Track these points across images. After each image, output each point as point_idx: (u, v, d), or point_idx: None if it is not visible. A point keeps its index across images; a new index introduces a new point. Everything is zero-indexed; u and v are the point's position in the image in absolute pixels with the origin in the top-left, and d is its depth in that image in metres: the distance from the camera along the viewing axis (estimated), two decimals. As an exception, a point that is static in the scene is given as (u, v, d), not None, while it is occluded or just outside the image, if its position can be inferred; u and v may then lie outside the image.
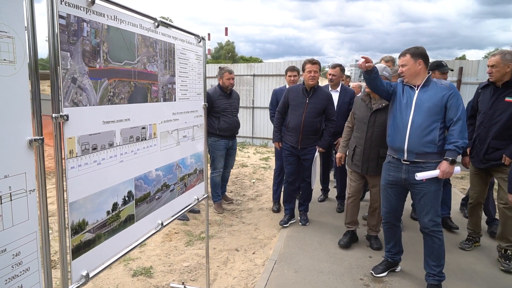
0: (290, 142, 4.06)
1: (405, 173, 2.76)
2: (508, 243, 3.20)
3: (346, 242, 3.59)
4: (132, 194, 1.84)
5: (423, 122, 2.65)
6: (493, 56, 3.21)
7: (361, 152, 3.38)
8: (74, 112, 1.40)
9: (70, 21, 1.36)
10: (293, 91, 4.06)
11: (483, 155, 3.27)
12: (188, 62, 2.36)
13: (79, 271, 1.50)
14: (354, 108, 3.56)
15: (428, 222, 2.71)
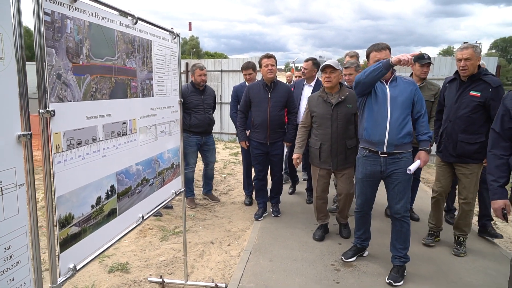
0: (258, 139, 4.10)
1: (382, 166, 2.89)
2: (461, 232, 3.45)
3: (321, 236, 3.72)
4: (115, 188, 1.87)
5: (400, 116, 2.81)
6: (465, 49, 3.15)
7: (329, 147, 3.44)
8: (60, 108, 1.43)
9: (54, 17, 1.38)
10: (253, 89, 4.09)
11: (452, 149, 3.30)
12: (164, 58, 2.40)
13: (66, 264, 1.53)
14: (311, 107, 3.55)
15: (400, 208, 2.91)
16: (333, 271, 3.11)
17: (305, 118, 3.62)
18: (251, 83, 4.30)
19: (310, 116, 3.57)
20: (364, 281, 2.96)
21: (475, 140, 3.19)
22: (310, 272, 3.08)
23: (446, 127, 3.36)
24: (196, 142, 4.67)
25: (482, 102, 3.12)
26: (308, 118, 3.60)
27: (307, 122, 3.61)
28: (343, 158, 3.46)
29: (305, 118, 3.62)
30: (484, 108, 3.14)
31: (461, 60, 3.15)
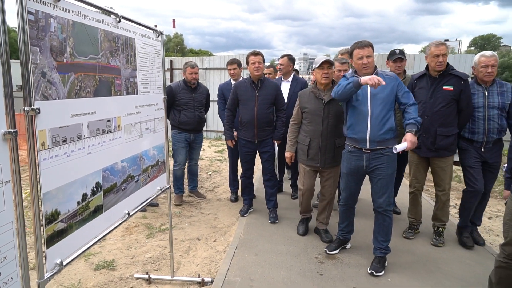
0: (246, 138, 4.08)
1: (366, 161, 2.97)
2: (440, 223, 3.60)
3: (304, 230, 3.77)
4: (100, 185, 1.89)
5: (381, 112, 2.87)
6: (442, 45, 3.29)
7: (318, 145, 3.41)
8: (45, 106, 1.45)
9: (38, 17, 1.40)
10: (241, 86, 4.06)
11: (431, 143, 3.39)
12: (148, 56, 2.42)
13: (53, 260, 1.55)
14: (302, 102, 3.51)
15: (383, 202, 2.99)
16: (317, 263, 3.20)
17: (296, 114, 3.59)
18: (239, 81, 4.28)
19: (301, 112, 3.54)
20: (346, 272, 3.05)
21: (451, 133, 3.35)
22: (294, 265, 3.15)
23: (422, 122, 3.38)
24: (185, 139, 4.68)
25: (456, 95, 3.28)
26: (299, 114, 3.57)
27: (298, 118, 3.59)
28: (331, 156, 3.44)
29: (296, 114, 3.59)
30: (456, 101, 3.31)
31: (439, 55, 3.26)
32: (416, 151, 3.55)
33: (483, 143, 3.35)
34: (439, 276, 3.01)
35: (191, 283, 2.94)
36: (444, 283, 2.91)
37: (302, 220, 3.86)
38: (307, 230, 3.82)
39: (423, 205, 3.94)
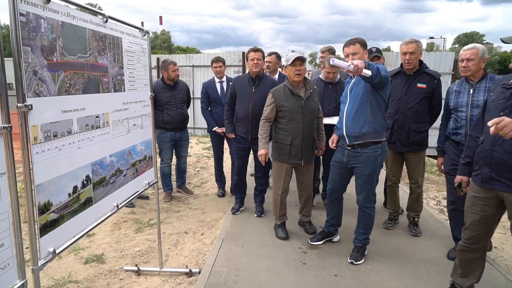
0: (241, 133, 4.09)
1: (346, 157, 3.09)
2: (416, 213, 3.77)
3: (286, 233, 3.66)
4: (90, 178, 1.98)
5: (353, 107, 2.95)
6: (410, 43, 3.37)
7: (300, 142, 3.41)
8: (37, 102, 1.53)
9: (29, 18, 1.48)
10: (239, 82, 4.08)
11: (405, 139, 3.51)
12: (134, 54, 2.51)
13: (46, 248, 1.64)
14: (279, 101, 3.42)
15: (361, 198, 3.12)
16: (300, 253, 3.33)
17: (271, 113, 3.47)
18: (238, 76, 4.31)
19: (276, 110, 3.45)
20: (328, 261, 3.19)
21: (423, 128, 3.49)
22: (279, 255, 3.29)
23: (397, 119, 3.55)
24: (170, 138, 4.70)
25: (429, 93, 3.42)
26: (273, 113, 3.47)
27: (272, 117, 3.49)
28: (311, 151, 3.54)
29: (271, 112, 3.47)
30: (428, 98, 3.44)
31: (406, 53, 3.38)
32: (392, 147, 3.65)
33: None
34: (415, 262, 3.18)
35: (179, 274, 3.05)
36: (419, 268, 3.08)
37: (281, 225, 3.72)
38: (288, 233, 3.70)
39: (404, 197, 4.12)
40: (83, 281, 2.92)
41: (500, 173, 2.12)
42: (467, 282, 2.50)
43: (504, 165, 2.09)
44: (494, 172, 2.16)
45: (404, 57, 3.42)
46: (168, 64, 4.56)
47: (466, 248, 2.43)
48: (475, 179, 2.32)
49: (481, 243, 2.40)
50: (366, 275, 2.98)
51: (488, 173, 2.19)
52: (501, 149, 2.10)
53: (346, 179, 3.27)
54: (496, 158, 2.12)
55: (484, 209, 2.28)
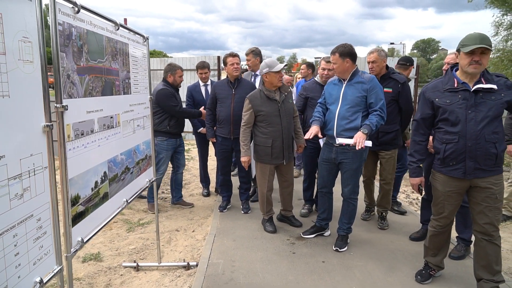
0: (223, 134, 4.25)
1: (334, 154, 3.35)
2: (383, 208, 4.12)
3: (274, 227, 3.87)
4: (106, 175, 2.13)
5: (346, 112, 3.20)
6: (371, 53, 3.75)
7: (281, 143, 3.63)
8: (70, 103, 1.68)
9: (64, 27, 1.63)
10: (219, 86, 4.29)
11: (375, 139, 3.74)
12: (137, 59, 2.67)
13: (76, 237, 1.78)
14: (256, 106, 3.59)
15: (347, 191, 3.41)
16: (289, 244, 3.59)
17: (250, 118, 3.64)
18: (217, 82, 4.49)
19: (254, 115, 3.63)
20: (315, 250, 3.47)
21: (392, 129, 3.81)
22: (269, 247, 3.52)
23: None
24: (172, 145, 4.51)
25: (395, 96, 3.76)
26: (252, 118, 3.64)
27: (251, 122, 3.66)
28: (291, 150, 3.79)
29: (250, 118, 3.64)
30: (396, 101, 3.78)
31: (369, 62, 3.81)
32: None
33: None
34: (392, 248, 3.52)
35: (177, 267, 3.21)
36: (396, 253, 3.42)
37: (269, 220, 3.94)
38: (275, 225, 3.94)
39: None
40: (85, 278, 3.01)
41: (484, 161, 2.44)
42: (438, 259, 2.88)
43: (487, 154, 2.42)
44: (477, 163, 2.45)
45: (368, 65, 3.84)
46: (176, 68, 4.44)
47: (439, 232, 2.78)
48: (454, 173, 2.55)
49: (450, 225, 2.79)
50: (350, 260, 3.28)
51: (472, 165, 2.47)
52: (483, 141, 2.41)
53: (334, 174, 3.53)
54: (481, 150, 2.42)
55: (458, 198, 2.64)
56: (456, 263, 3.22)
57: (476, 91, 2.43)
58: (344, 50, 3.19)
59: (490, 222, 2.51)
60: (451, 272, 3.04)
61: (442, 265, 2.93)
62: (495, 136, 2.42)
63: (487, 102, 2.41)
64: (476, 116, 2.43)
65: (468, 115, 2.44)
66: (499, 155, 2.44)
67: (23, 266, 1.39)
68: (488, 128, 2.41)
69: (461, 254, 3.32)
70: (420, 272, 2.96)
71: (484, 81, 2.44)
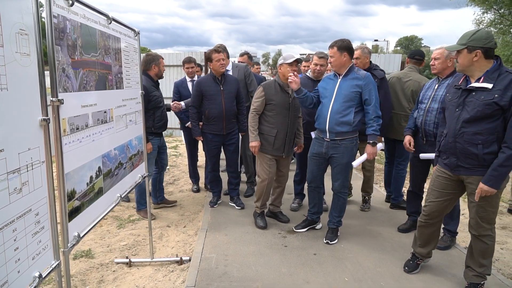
0: (215, 131, 4.18)
1: (325, 148, 3.36)
2: (367, 193, 4.42)
3: (265, 223, 3.87)
4: (101, 170, 2.12)
5: (339, 108, 3.23)
6: (355, 50, 3.78)
7: (284, 136, 3.66)
8: (65, 97, 1.67)
9: (59, 20, 1.62)
10: (204, 83, 4.14)
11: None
12: (129, 54, 2.65)
13: (72, 232, 1.77)
14: (269, 95, 3.62)
15: (337, 185, 3.45)
16: (280, 238, 3.63)
17: (260, 106, 3.66)
18: (200, 78, 4.38)
19: (265, 103, 3.65)
20: (307, 243, 3.52)
21: None
22: (262, 241, 3.55)
23: None
24: (157, 144, 4.17)
25: None
26: (262, 106, 3.65)
27: (261, 109, 3.68)
28: (292, 146, 3.81)
29: (260, 105, 3.65)
30: None
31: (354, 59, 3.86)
32: None
33: (423, 134, 3.40)
34: (381, 240, 3.61)
35: (170, 262, 3.21)
36: (385, 244, 3.50)
37: (261, 214, 3.93)
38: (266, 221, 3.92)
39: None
40: (77, 274, 2.98)
41: (464, 160, 2.46)
42: (425, 251, 2.95)
43: (467, 153, 2.42)
44: (459, 160, 2.49)
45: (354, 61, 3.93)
46: (159, 58, 4.12)
47: (426, 224, 2.84)
48: (444, 166, 2.64)
49: (439, 218, 2.80)
50: (341, 252, 3.34)
51: (455, 161, 2.52)
52: (462, 140, 2.42)
53: (324, 168, 3.58)
54: (459, 148, 2.45)
55: (445, 187, 2.66)
56: (443, 253, 3.32)
57: (469, 89, 2.42)
58: (342, 44, 3.23)
59: (473, 218, 2.56)
60: (437, 262, 3.14)
61: (430, 255, 3.01)
62: (479, 137, 2.36)
63: (474, 101, 2.37)
64: (460, 115, 2.45)
65: (454, 113, 2.49)
66: (482, 157, 2.37)
67: (23, 261, 1.38)
68: (469, 128, 2.39)
69: (447, 245, 3.43)
70: (408, 262, 3.03)
71: (483, 80, 2.37)
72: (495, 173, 2.30)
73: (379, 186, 5.47)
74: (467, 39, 2.36)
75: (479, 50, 2.33)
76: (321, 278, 2.91)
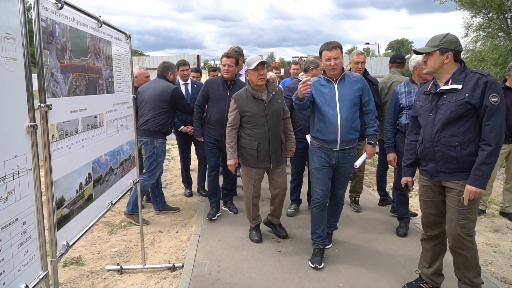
0: (214, 136, 4.06)
1: (335, 159, 3.09)
2: (356, 193, 4.52)
3: (260, 236, 3.67)
4: (91, 176, 2.07)
5: (349, 115, 3.01)
6: (360, 55, 4.09)
7: (267, 146, 3.38)
8: (54, 102, 1.62)
9: (48, 23, 1.57)
10: (212, 84, 4.06)
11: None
12: (120, 57, 2.60)
13: (61, 241, 1.72)
14: (242, 106, 3.37)
15: (341, 193, 3.36)
16: (274, 243, 3.60)
17: (235, 119, 3.42)
18: (210, 79, 4.30)
19: (240, 116, 3.41)
20: (301, 248, 3.49)
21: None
22: (255, 246, 3.52)
23: None
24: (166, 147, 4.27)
25: None
26: (238, 119, 3.42)
27: (237, 123, 3.44)
28: (280, 153, 3.50)
29: (235, 119, 3.42)
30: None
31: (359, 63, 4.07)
32: None
33: None
34: (374, 243, 3.60)
35: (162, 269, 3.15)
36: (378, 248, 3.49)
37: (255, 228, 3.72)
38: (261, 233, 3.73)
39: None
40: (66, 283, 2.91)
41: (444, 165, 2.41)
42: (430, 270, 2.71)
43: (446, 157, 2.38)
44: (438, 166, 2.43)
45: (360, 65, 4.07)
46: (175, 66, 4.36)
47: (428, 237, 2.70)
48: (424, 173, 2.60)
49: (439, 229, 2.63)
50: (335, 257, 3.32)
51: (434, 167, 2.46)
52: (439, 144, 2.39)
53: (331, 179, 3.24)
54: (438, 153, 2.41)
55: (431, 196, 2.58)
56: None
57: (440, 93, 2.41)
58: (340, 45, 3.04)
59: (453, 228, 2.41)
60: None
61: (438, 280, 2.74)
62: (455, 139, 2.33)
63: (447, 103, 2.36)
64: (434, 119, 2.42)
65: (428, 118, 2.46)
66: (462, 159, 2.33)
67: (8, 272, 1.33)
68: (445, 131, 2.36)
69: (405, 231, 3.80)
70: (410, 282, 2.82)
71: (451, 82, 2.37)
72: (479, 173, 2.26)
73: (372, 189, 5.48)
74: (439, 41, 2.36)
75: (451, 52, 2.35)
76: (315, 283, 2.88)
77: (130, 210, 4.14)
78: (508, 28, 17.23)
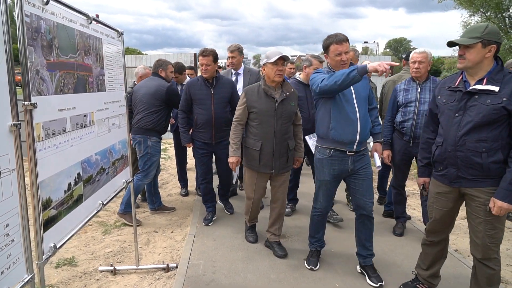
0: (203, 139, 3.85)
1: (351, 164, 2.78)
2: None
3: (255, 237, 3.60)
4: (80, 176, 2.02)
5: (365, 112, 2.76)
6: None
7: (271, 149, 3.12)
8: (39, 101, 1.57)
9: (32, 19, 1.53)
10: (193, 85, 3.81)
11: None
12: (112, 55, 2.55)
13: (48, 243, 1.68)
14: (251, 101, 3.13)
15: (371, 204, 2.87)
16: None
17: (242, 114, 3.19)
18: (190, 80, 4.17)
19: (247, 112, 3.18)
20: (296, 248, 3.46)
21: None
22: (250, 246, 3.48)
23: None
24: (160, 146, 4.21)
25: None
26: (245, 114, 3.19)
27: (243, 119, 3.20)
28: (285, 161, 3.20)
29: (242, 114, 3.19)
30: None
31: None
32: None
33: (411, 137, 3.46)
34: (372, 243, 3.56)
35: (156, 270, 3.11)
36: (375, 248, 3.44)
37: (251, 228, 3.65)
38: (257, 234, 3.66)
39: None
40: (59, 284, 2.87)
41: (466, 171, 2.20)
42: (428, 273, 2.64)
43: (470, 163, 2.17)
44: (460, 171, 2.22)
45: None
46: (167, 63, 4.21)
47: (431, 243, 2.57)
48: (440, 179, 2.38)
49: (443, 236, 2.54)
50: (331, 257, 3.29)
51: (455, 172, 2.25)
52: (464, 148, 2.17)
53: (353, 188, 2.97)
54: (461, 158, 2.19)
55: (447, 204, 2.39)
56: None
57: (471, 92, 2.16)
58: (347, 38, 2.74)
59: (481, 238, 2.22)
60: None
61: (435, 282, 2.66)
62: (482, 145, 2.12)
63: (479, 106, 2.11)
64: (461, 121, 2.18)
65: (454, 119, 2.23)
66: (487, 166, 2.13)
67: (-10, 276, 1.29)
68: (472, 135, 2.14)
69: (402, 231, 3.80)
70: (406, 283, 2.78)
71: (486, 82, 2.12)
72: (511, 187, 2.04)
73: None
74: (481, 32, 2.07)
75: (494, 45, 2.08)
76: (311, 284, 2.85)
77: (123, 210, 4.08)
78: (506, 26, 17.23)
